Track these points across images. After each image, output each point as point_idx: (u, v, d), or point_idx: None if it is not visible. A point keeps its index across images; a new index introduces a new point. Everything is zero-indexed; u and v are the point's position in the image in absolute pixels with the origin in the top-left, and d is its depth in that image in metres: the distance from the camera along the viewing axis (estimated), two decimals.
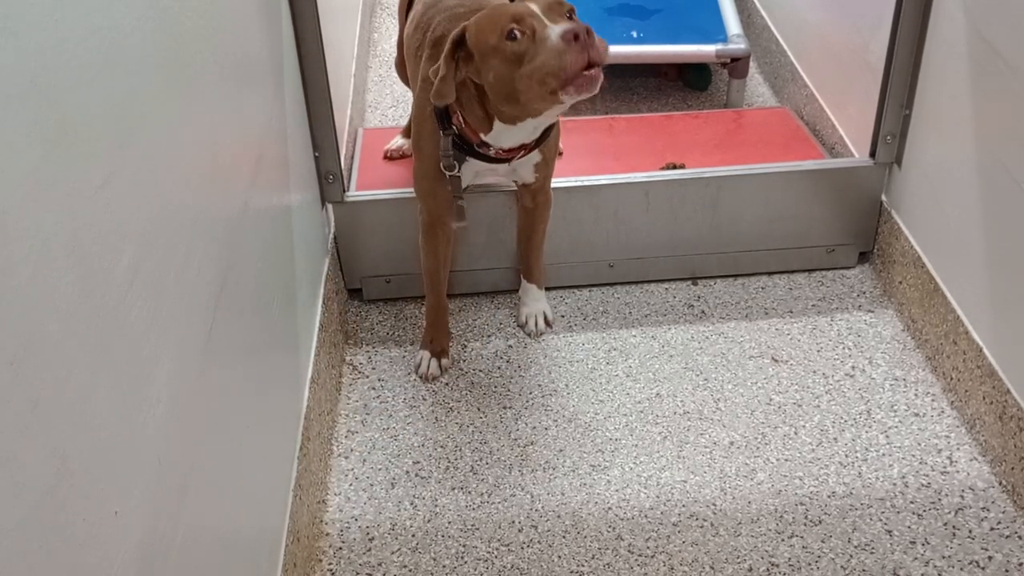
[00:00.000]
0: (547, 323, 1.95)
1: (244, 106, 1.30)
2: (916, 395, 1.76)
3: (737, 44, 2.55)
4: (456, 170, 1.64)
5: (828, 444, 1.67)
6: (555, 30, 1.38)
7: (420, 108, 1.66)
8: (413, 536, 1.55)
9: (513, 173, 1.75)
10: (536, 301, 1.95)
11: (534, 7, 1.42)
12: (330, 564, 1.51)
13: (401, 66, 2.03)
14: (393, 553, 1.52)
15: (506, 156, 1.64)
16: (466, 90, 1.53)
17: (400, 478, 1.65)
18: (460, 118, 1.59)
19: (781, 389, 1.79)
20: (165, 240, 0.94)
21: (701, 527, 1.54)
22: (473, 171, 1.70)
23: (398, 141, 2.24)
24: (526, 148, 1.64)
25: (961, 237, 1.70)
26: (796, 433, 1.70)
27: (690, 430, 1.71)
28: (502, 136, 1.59)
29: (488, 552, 1.52)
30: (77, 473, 0.72)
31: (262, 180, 1.37)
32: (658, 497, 1.59)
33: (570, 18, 1.44)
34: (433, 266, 1.80)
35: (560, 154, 2.26)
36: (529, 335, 1.94)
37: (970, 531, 1.51)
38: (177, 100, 1.01)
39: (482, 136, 1.60)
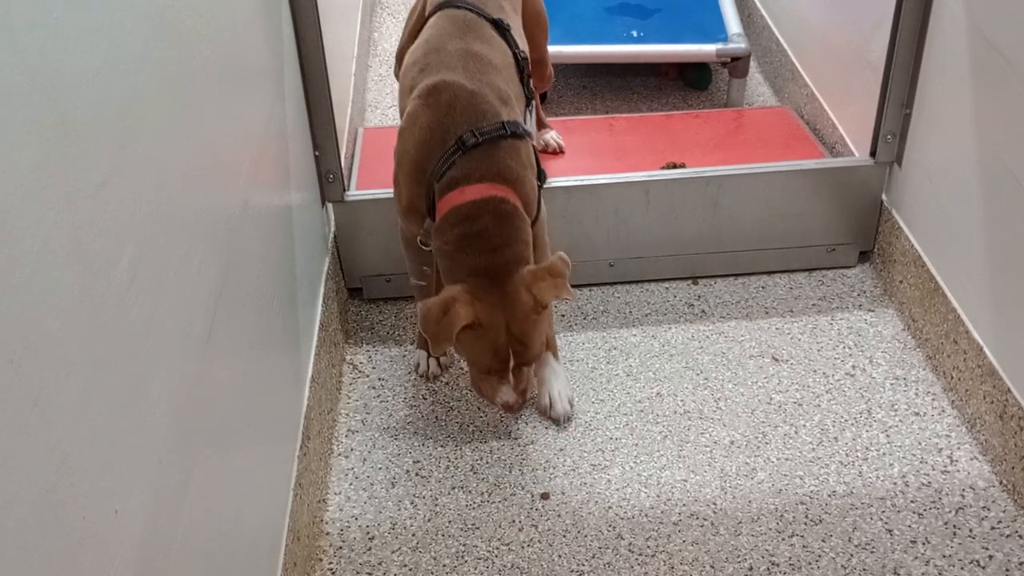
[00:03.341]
0: (571, 404, 1.75)
1: (244, 105, 1.30)
2: (916, 394, 1.76)
3: (737, 43, 2.55)
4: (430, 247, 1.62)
5: (828, 443, 1.67)
6: (503, 396, 1.57)
7: (402, 147, 1.60)
8: (413, 535, 1.55)
9: None
10: (556, 376, 1.75)
11: (511, 362, 1.54)
12: (330, 563, 1.51)
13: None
14: (393, 552, 1.52)
15: None
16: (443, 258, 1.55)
17: (400, 477, 1.65)
18: None
19: (781, 388, 1.79)
20: (165, 238, 0.94)
21: (701, 526, 1.54)
22: None
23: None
24: None
25: (962, 236, 1.69)
26: (796, 432, 1.70)
27: (690, 429, 1.71)
28: None
29: (488, 551, 1.52)
30: (77, 472, 0.72)
31: (262, 179, 1.37)
32: (658, 496, 1.59)
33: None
34: (416, 271, 1.78)
35: (562, 152, 2.26)
36: (556, 421, 1.73)
37: (971, 530, 1.51)
38: (177, 99, 1.01)
39: None
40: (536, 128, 2.16)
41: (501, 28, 1.71)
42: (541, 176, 1.65)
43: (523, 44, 1.80)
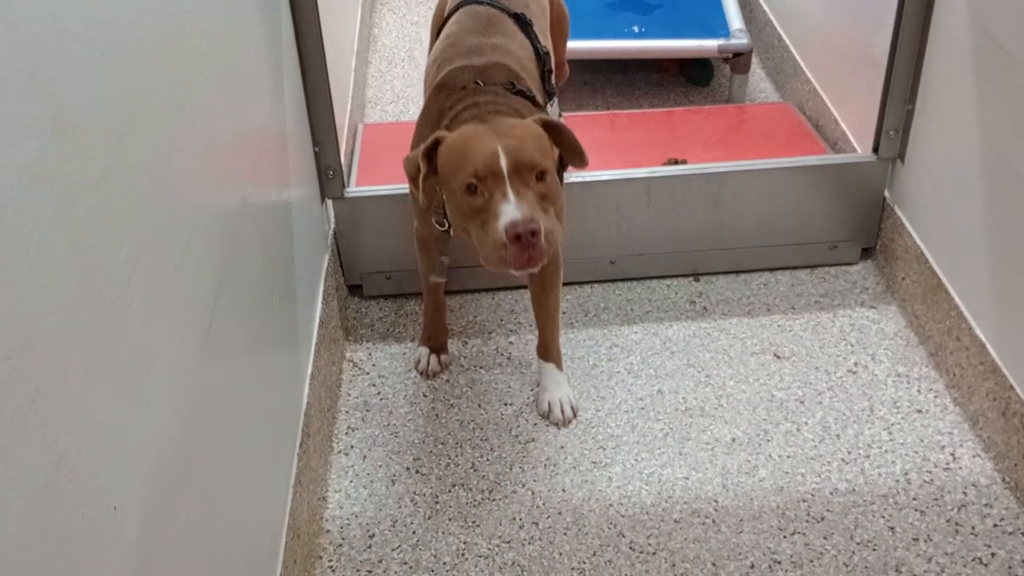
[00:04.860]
0: (573, 411, 1.74)
1: (243, 101, 1.29)
2: (919, 391, 1.76)
3: (739, 39, 2.55)
4: (446, 227, 1.60)
5: (830, 440, 1.67)
6: (506, 215, 1.32)
7: (417, 136, 1.62)
8: (414, 533, 1.54)
9: None
10: (557, 385, 1.75)
11: (503, 163, 1.34)
12: (330, 561, 1.51)
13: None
14: (393, 550, 1.52)
15: None
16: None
17: (400, 475, 1.64)
18: None
19: (783, 385, 1.78)
20: (164, 234, 0.93)
21: (703, 524, 1.54)
22: None
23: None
24: None
25: (964, 233, 1.69)
26: (798, 430, 1.69)
27: (692, 427, 1.71)
28: None
29: (489, 549, 1.52)
30: (76, 468, 0.71)
31: (261, 175, 1.36)
32: (660, 494, 1.59)
33: (540, 179, 1.37)
34: (428, 271, 1.78)
35: None
36: (556, 425, 1.72)
37: (973, 528, 1.51)
38: (176, 94, 1.00)
39: None
40: None
41: (523, 23, 1.71)
42: (563, 163, 1.57)
43: (546, 42, 1.79)
